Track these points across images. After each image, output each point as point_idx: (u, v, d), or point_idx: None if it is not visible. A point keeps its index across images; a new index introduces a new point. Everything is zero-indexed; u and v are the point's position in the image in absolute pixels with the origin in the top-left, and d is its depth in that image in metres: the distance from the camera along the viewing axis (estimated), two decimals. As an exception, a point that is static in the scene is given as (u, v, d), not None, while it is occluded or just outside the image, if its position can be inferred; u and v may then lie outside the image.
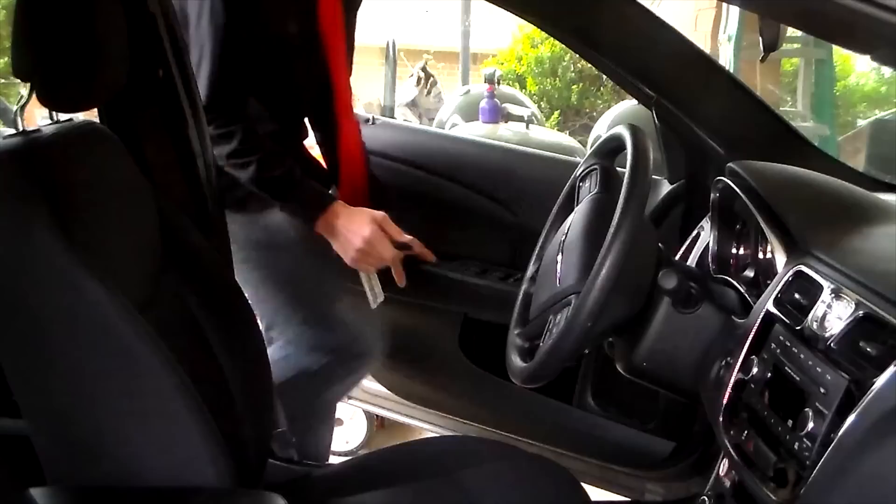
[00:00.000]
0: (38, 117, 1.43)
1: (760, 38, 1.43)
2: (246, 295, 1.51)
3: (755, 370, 1.10)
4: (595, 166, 1.46)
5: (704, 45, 5.90)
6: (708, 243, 1.41)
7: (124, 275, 1.20)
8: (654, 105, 1.88)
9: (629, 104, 5.59)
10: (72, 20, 1.20)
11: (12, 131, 1.26)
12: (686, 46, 1.72)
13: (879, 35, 0.77)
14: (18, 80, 1.23)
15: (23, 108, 1.25)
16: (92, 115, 1.66)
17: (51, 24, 1.19)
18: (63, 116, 1.37)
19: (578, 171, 1.51)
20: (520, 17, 1.90)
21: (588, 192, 1.45)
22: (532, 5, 1.75)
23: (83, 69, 1.22)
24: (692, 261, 1.49)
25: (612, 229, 1.16)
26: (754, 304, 1.20)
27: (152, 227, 1.38)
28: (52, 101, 1.26)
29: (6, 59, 1.14)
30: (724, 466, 1.20)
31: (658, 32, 1.67)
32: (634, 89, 1.81)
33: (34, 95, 1.24)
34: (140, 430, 1.18)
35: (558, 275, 1.33)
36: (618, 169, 1.39)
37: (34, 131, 1.25)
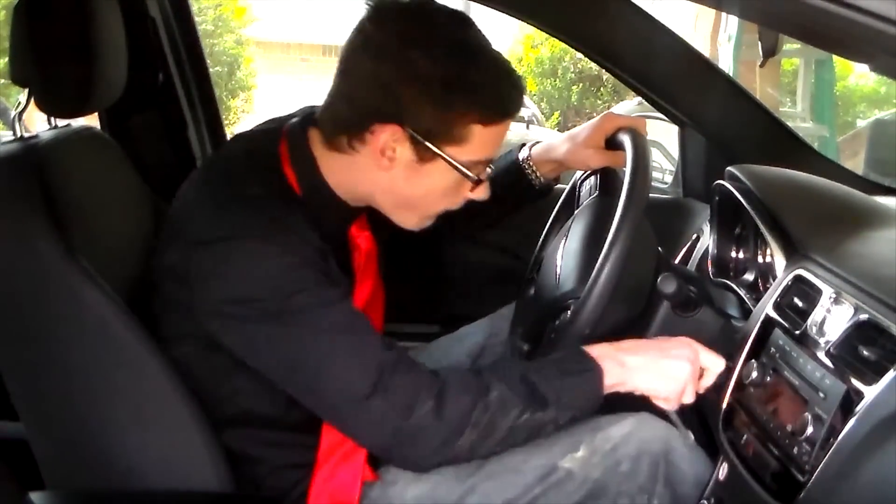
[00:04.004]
0: (38, 121, 1.43)
1: (759, 43, 1.43)
2: None
3: (755, 374, 1.10)
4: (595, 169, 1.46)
5: (704, 46, 5.91)
6: (707, 247, 1.41)
7: (123, 280, 1.20)
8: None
9: (629, 104, 5.60)
10: (69, 25, 1.20)
11: (11, 136, 1.26)
12: (685, 50, 1.72)
13: (878, 45, 0.77)
14: (18, 83, 1.23)
15: (20, 113, 1.25)
16: (92, 120, 1.65)
17: (48, 29, 1.19)
18: (61, 122, 1.37)
19: (578, 174, 1.51)
20: (521, 20, 1.89)
21: (588, 195, 1.45)
22: (532, 11, 1.75)
23: (80, 75, 1.22)
24: (692, 264, 1.49)
25: (611, 234, 1.16)
26: (754, 308, 1.20)
27: (151, 232, 1.38)
28: (49, 107, 1.26)
29: (6, 59, 1.13)
30: (723, 470, 1.20)
31: (657, 36, 1.67)
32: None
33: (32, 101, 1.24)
34: (140, 435, 1.18)
35: (558, 279, 1.33)
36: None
37: (32, 137, 1.25)
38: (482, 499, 1.17)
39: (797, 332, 1.06)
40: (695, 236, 1.55)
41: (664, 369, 1.14)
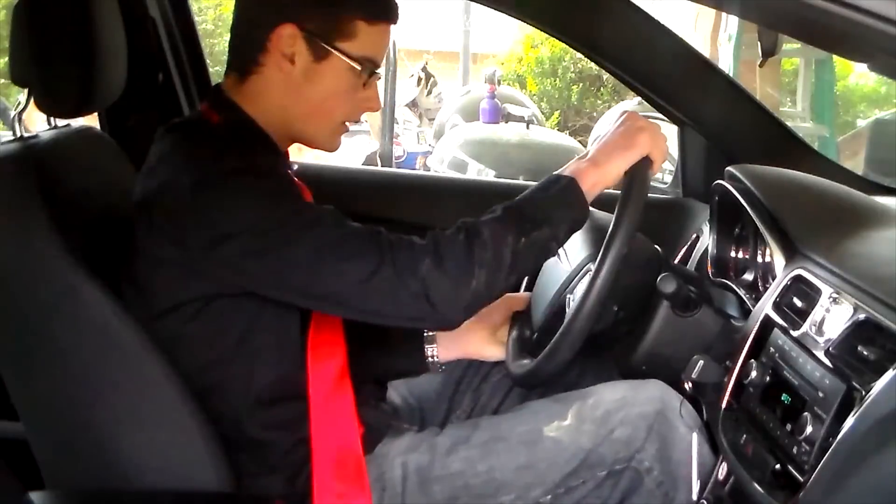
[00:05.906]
0: (38, 121, 1.43)
1: (759, 43, 1.44)
2: None
3: (754, 374, 1.10)
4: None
5: (704, 46, 5.90)
6: (707, 247, 1.41)
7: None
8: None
9: (629, 104, 5.60)
10: (69, 25, 1.20)
11: (11, 136, 1.26)
12: (684, 50, 1.72)
13: (876, 45, 0.77)
14: (18, 83, 1.23)
15: (20, 113, 1.25)
16: (92, 120, 1.65)
17: (48, 29, 1.19)
18: (61, 122, 1.37)
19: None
20: (521, 20, 1.90)
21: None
22: (532, 11, 1.76)
23: (80, 74, 1.22)
24: (691, 264, 1.50)
25: (618, 209, 1.16)
26: (753, 307, 1.20)
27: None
28: (49, 107, 1.26)
29: (6, 59, 1.14)
30: (722, 470, 1.20)
31: (657, 36, 1.67)
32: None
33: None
34: (140, 434, 1.19)
35: (567, 260, 1.32)
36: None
37: (32, 137, 1.25)
38: (466, 465, 1.22)
39: (796, 331, 1.06)
40: (694, 236, 1.55)
41: (628, 142, 1.20)
